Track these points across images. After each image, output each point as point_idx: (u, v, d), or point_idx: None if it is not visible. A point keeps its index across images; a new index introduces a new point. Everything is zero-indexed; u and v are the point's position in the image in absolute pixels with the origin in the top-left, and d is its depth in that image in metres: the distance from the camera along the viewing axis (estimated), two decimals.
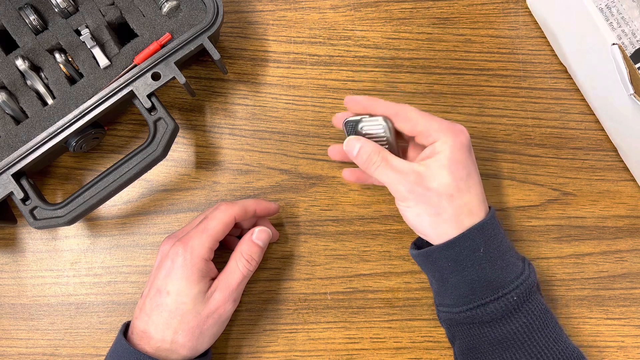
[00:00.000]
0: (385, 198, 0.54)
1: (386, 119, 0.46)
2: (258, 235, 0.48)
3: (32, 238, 0.54)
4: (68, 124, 0.48)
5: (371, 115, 0.47)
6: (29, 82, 0.50)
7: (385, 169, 0.45)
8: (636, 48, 0.52)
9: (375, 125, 0.47)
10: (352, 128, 0.48)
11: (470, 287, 0.44)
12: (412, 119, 0.46)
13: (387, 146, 0.47)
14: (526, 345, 0.43)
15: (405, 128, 0.46)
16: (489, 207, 0.47)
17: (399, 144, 0.49)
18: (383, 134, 0.47)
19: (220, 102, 0.56)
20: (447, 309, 0.46)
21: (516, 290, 0.43)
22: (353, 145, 0.47)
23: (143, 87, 0.49)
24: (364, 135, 0.47)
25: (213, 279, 0.47)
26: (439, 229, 0.45)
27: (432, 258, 0.46)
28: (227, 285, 0.46)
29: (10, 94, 0.50)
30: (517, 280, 0.44)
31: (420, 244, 0.50)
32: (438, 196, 0.44)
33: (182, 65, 0.51)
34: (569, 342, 0.45)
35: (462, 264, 0.44)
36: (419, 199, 0.44)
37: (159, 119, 0.49)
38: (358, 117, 0.47)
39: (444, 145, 0.45)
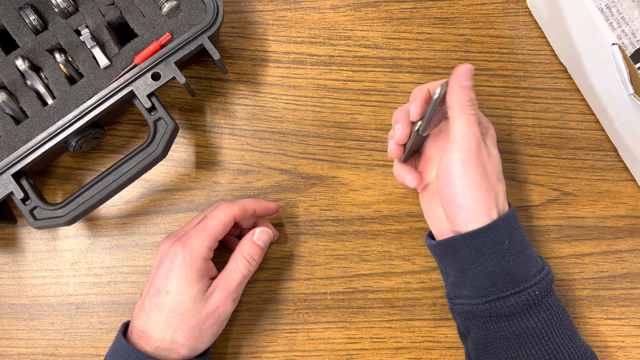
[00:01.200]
0: (385, 198, 0.54)
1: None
2: (259, 236, 0.48)
3: (32, 238, 0.54)
4: (68, 124, 0.48)
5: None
6: (29, 82, 0.50)
7: (476, 119, 0.44)
8: (636, 48, 0.52)
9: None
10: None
11: (491, 279, 0.43)
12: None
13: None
14: (543, 341, 0.43)
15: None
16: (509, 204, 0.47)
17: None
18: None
19: (220, 102, 0.56)
20: (464, 300, 0.45)
21: (538, 285, 0.43)
22: (468, 70, 0.44)
23: (143, 87, 0.49)
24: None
25: (212, 279, 0.47)
26: (482, 207, 0.43)
27: (454, 248, 0.45)
28: (227, 285, 0.46)
29: (10, 94, 0.50)
30: (539, 275, 0.44)
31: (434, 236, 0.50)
32: (492, 173, 0.44)
33: (182, 65, 0.51)
34: (582, 341, 0.45)
35: (485, 255, 0.43)
36: (479, 167, 0.43)
37: (159, 119, 0.49)
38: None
39: (485, 131, 0.46)
